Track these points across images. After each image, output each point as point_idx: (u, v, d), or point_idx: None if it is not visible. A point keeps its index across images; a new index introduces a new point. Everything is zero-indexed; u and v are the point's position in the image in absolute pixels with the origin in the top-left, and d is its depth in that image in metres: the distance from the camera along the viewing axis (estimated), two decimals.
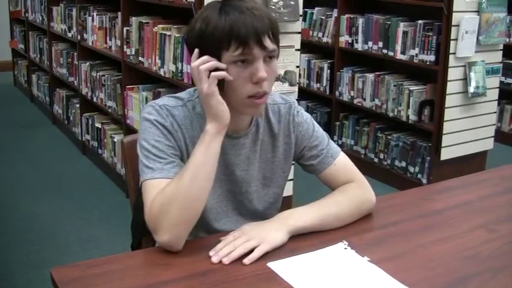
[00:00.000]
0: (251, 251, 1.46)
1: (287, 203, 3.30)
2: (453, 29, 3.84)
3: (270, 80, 1.57)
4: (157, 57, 3.53)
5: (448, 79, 3.94)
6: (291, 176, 3.38)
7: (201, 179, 1.49)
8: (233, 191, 1.71)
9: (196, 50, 1.54)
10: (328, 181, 1.76)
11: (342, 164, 1.76)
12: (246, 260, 1.44)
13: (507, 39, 4.93)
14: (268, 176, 1.75)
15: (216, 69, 1.50)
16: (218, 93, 1.50)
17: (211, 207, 1.67)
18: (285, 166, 1.78)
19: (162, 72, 3.49)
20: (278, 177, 1.77)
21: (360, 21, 4.63)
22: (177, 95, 1.68)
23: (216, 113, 1.50)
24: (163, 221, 1.46)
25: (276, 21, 1.59)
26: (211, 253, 1.46)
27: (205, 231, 1.69)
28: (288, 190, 3.38)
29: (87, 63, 4.80)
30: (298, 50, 3.28)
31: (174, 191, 1.47)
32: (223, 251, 1.46)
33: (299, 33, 3.29)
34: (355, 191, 1.71)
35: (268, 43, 1.53)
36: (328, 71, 5.01)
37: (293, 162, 1.82)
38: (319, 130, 1.78)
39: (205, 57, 1.51)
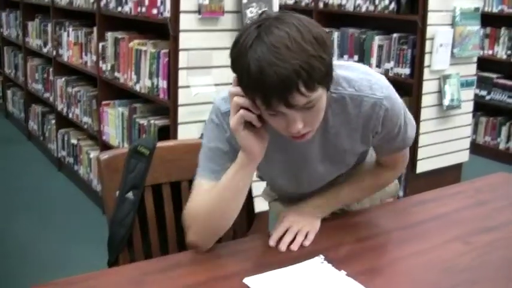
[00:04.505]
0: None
1: None
2: (428, 42, 3.89)
3: (314, 120, 1.39)
4: (133, 73, 3.51)
5: (423, 92, 3.98)
6: None
7: (226, 201, 1.51)
8: (299, 174, 1.68)
9: (234, 76, 1.36)
10: (382, 155, 1.74)
11: (402, 152, 1.72)
12: (307, 242, 1.59)
13: (481, 52, 4.99)
14: (337, 159, 1.65)
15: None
16: (243, 131, 1.39)
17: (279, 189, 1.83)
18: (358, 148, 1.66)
19: (138, 88, 3.47)
20: (349, 157, 1.67)
21: (336, 34, 4.66)
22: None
23: (243, 146, 1.44)
24: (193, 224, 1.52)
25: (314, 58, 1.26)
26: (272, 243, 1.58)
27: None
28: None
29: (63, 79, 4.77)
30: None
31: (203, 203, 1.52)
32: (286, 240, 1.58)
33: None
34: (386, 178, 1.82)
35: (299, 99, 1.27)
36: None
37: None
38: (403, 127, 1.60)
39: (239, 89, 1.35)
